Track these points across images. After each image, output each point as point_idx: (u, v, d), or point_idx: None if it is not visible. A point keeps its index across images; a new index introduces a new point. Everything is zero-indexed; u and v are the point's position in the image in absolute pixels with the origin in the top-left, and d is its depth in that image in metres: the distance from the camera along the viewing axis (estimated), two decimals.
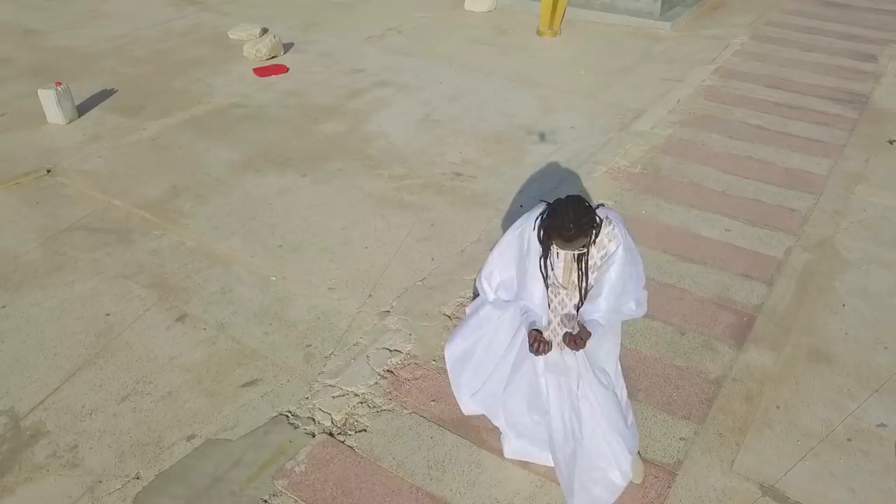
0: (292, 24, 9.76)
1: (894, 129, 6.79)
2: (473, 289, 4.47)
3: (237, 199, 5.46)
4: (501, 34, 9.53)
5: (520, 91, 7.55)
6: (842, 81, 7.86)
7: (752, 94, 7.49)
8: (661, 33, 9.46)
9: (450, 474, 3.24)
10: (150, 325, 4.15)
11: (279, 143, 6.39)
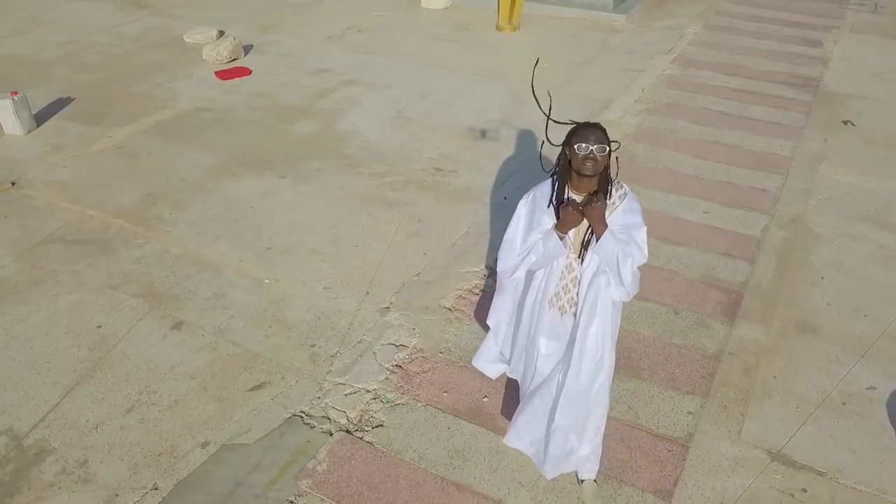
0: (249, 26, 9.62)
1: (847, 111, 7.12)
2: (477, 278, 4.52)
3: (217, 204, 5.37)
4: (461, 30, 9.59)
5: (488, 86, 7.63)
6: (793, 67, 8.19)
7: (711, 81, 7.74)
8: (617, 25, 9.67)
9: (471, 462, 3.28)
10: (145, 335, 4.05)
11: (252, 145, 6.30)
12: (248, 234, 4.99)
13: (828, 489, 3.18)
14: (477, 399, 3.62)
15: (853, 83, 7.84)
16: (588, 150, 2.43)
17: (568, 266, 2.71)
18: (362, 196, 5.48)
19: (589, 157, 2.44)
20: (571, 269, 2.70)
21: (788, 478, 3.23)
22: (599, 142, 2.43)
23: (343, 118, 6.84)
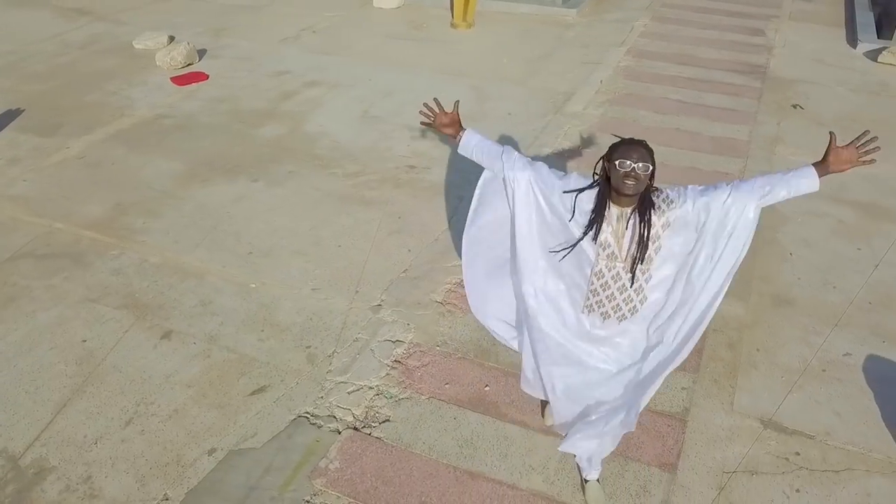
0: (199, 31, 9.44)
1: (794, 95, 7.45)
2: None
3: (191, 211, 5.28)
4: (417, 29, 9.63)
5: (451, 83, 7.69)
6: (740, 55, 8.52)
7: (665, 71, 7.99)
8: (569, 20, 9.87)
9: (481, 450, 3.34)
10: (134, 346, 3.97)
11: (220, 150, 6.21)
12: (228, 240, 4.93)
13: (818, 451, 3.36)
14: (479, 389, 3.68)
15: (797, 69, 8.20)
16: (630, 168, 2.30)
17: (615, 275, 2.54)
18: (339, 196, 5.48)
19: (630, 175, 2.31)
20: (619, 277, 2.54)
21: (781, 443, 3.40)
22: (643, 160, 2.31)
23: (310, 119, 6.80)
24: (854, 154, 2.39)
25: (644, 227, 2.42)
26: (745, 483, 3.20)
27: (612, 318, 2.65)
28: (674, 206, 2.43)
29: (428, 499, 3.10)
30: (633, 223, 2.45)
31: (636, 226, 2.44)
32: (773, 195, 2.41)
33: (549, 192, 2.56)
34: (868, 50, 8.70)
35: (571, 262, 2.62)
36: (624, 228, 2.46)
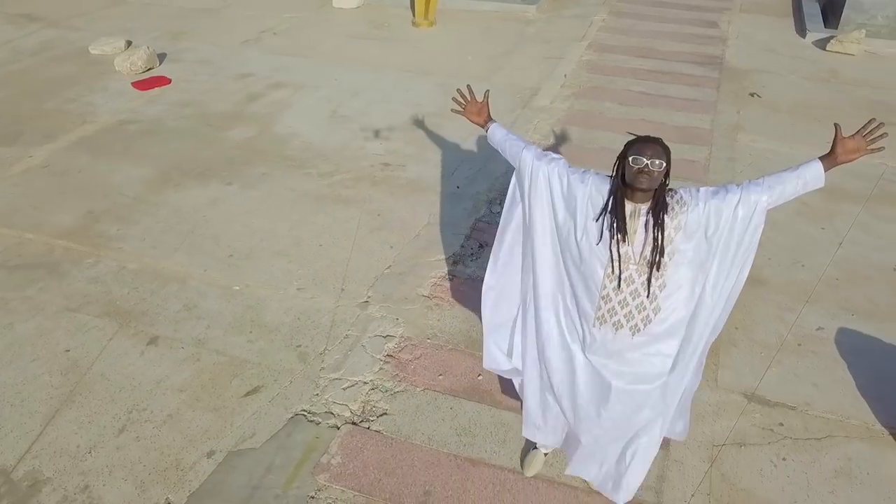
0: (156, 35, 9.27)
1: (751, 84, 7.71)
2: (448, 265, 4.63)
3: (166, 216, 5.22)
4: (378, 28, 9.64)
5: (417, 81, 7.73)
6: (697, 46, 8.76)
7: (626, 64, 8.17)
8: (529, 16, 10.00)
9: (479, 438, 3.40)
10: (120, 354, 3.92)
11: (189, 154, 6.14)
12: (207, 244, 4.88)
13: (800, 420, 3.52)
14: (472, 378, 3.74)
15: (752, 59, 8.48)
16: (643, 164, 2.29)
17: (628, 279, 2.47)
18: (315, 196, 5.47)
19: (643, 171, 2.29)
20: (632, 281, 2.47)
21: (765, 415, 3.55)
22: (657, 156, 2.29)
23: (278, 121, 6.77)
24: (862, 143, 2.39)
25: (658, 230, 2.38)
26: (734, 454, 3.33)
27: (624, 329, 2.54)
28: (686, 208, 2.38)
29: (432, 487, 3.14)
30: (646, 223, 2.40)
31: (649, 227, 2.39)
32: (782, 194, 2.41)
33: (566, 187, 2.53)
34: (816, 39, 9.04)
35: (584, 266, 2.55)
36: (636, 226, 2.40)
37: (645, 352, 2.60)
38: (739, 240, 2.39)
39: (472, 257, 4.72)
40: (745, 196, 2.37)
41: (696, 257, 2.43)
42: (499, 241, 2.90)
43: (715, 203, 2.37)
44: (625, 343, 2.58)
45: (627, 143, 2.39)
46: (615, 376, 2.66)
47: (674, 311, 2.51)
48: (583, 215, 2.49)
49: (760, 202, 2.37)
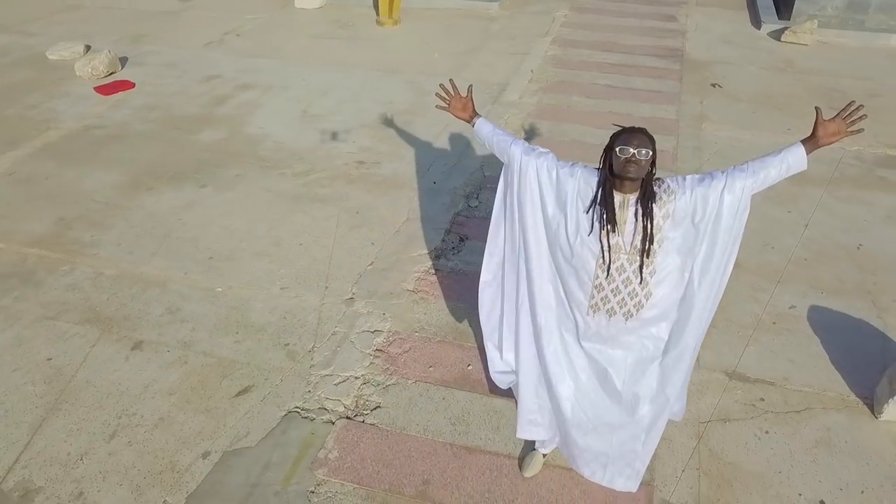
0: (116, 39, 9.12)
1: (712, 75, 7.92)
2: (430, 259, 4.67)
3: (141, 220, 5.15)
4: (343, 28, 9.62)
5: (386, 79, 7.75)
6: (658, 40, 8.96)
7: (590, 58, 8.31)
8: (492, 13, 10.09)
9: (473, 426, 3.45)
10: (104, 360, 3.87)
11: (160, 158, 6.06)
12: (185, 247, 4.84)
13: (780, 395, 3.66)
14: (462, 369, 3.79)
15: (711, 50, 8.71)
16: (630, 154, 2.34)
17: (619, 267, 2.54)
18: (292, 196, 5.46)
19: (631, 161, 2.35)
20: (623, 270, 2.54)
21: (747, 391, 3.67)
22: (643, 145, 2.35)
23: (248, 122, 6.72)
24: (842, 125, 2.46)
25: (647, 220, 2.43)
26: (720, 430, 3.45)
27: (618, 315, 2.61)
28: (673, 196, 2.44)
29: (430, 476, 3.19)
30: (636, 213, 2.45)
31: (639, 216, 2.45)
32: (766, 178, 2.47)
33: (555, 181, 2.57)
34: (771, 30, 9.33)
35: (575, 258, 2.59)
36: (626, 216, 2.46)
37: (639, 335, 2.68)
38: (726, 225, 2.46)
39: (453, 251, 4.78)
40: (731, 182, 2.44)
41: (684, 244, 2.51)
42: (492, 236, 2.93)
43: (701, 190, 2.44)
44: (619, 328, 2.66)
45: (613, 135, 2.45)
46: (610, 363, 2.73)
47: (664, 295, 2.59)
48: (573, 208, 2.54)
49: (746, 187, 2.44)
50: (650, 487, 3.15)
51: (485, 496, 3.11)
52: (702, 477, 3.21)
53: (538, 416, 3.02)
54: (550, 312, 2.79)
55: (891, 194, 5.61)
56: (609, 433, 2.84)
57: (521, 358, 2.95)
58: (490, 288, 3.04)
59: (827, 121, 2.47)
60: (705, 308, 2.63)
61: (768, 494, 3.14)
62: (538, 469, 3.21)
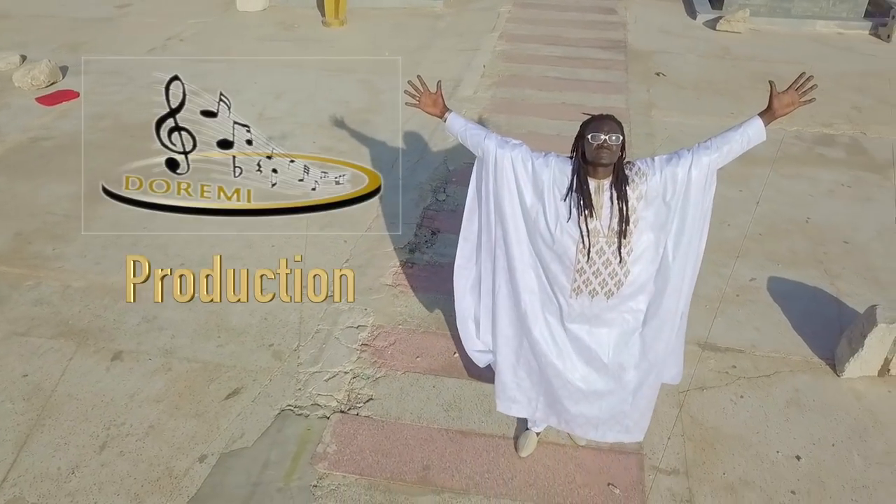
0: (53, 48, 8.82)
1: (655, 64, 8.21)
2: (405, 253, 4.73)
3: (105, 231, 5.04)
4: (289, 29, 9.56)
5: (339, 79, 7.75)
6: (600, 32, 9.22)
7: (538, 52, 8.50)
8: (437, 11, 10.19)
9: (466, 411, 3.54)
10: (84, 372, 3.80)
11: (116, 167, 5.91)
12: (155, 255, 4.76)
13: (750, 361, 3.87)
14: (448, 357, 3.87)
15: (651, 41, 9.02)
16: (602, 140, 2.45)
17: (599, 250, 2.65)
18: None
19: (603, 147, 2.45)
20: (603, 252, 2.65)
21: (719, 360, 3.88)
22: (613, 131, 2.46)
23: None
24: (795, 96, 2.62)
25: (622, 202, 2.55)
26: (698, 398, 3.63)
27: (599, 295, 2.72)
28: (645, 178, 2.55)
29: (430, 462, 3.26)
30: (611, 197, 2.56)
31: (614, 200, 2.56)
32: (730, 152, 2.61)
33: (531, 172, 2.66)
34: (707, 20, 9.72)
35: (556, 245, 2.68)
36: (602, 201, 2.57)
37: (619, 311, 2.80)
38: (696, 200, 2.60)
39: (427, 244, 4.85)
40: (697, 159, 2.58)
41: (656, 221, 2.65)
42: (466, 223, 3.01)
43: (670, 169, 2.57)
44: (601, 307, 2.78)
45: (583, 123, 2.57)
46: (595, 341, 2.85)
47: (641, 271, 2.72)
48: (550, 196, 2.64)
49: (711, 162, 2.59)
50: (640, 455, 3.30)
51: (484, 476, 3.20)
52: (686, 442, 3.38)
53: (517, 393, 3.12)
54: (534, 296, 2.89)
55: (831, 170, 5.96)
56: (598, 400, 2.96)
57: (498, 342, 3.05)
58: (465, 271, 3.14)
59: (781, 93, 2.63)
60: (681, 278, 2.76)
61: (748, 454, 3.33)
62: (533, 448, 3.32)
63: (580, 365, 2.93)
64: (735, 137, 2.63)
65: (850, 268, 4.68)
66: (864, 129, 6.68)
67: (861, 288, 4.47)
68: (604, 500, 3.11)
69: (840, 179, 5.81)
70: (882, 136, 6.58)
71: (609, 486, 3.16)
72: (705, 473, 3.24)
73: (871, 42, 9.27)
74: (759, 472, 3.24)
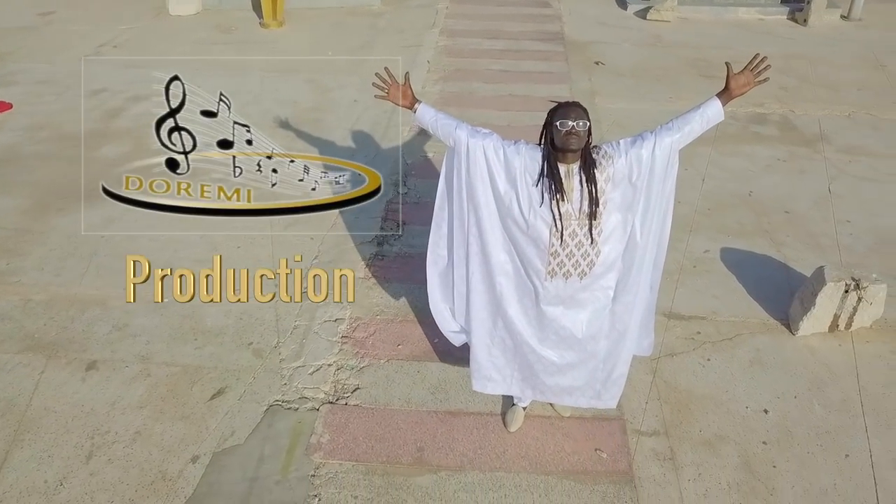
0: None
1: (593, 54, 8.48)
2: (373, 246, 4.78)
3: (60, 242, 4.91)
4: (226, 32, 9.42)
5: (284, 80, 7.71)
6: (538, 25, 9.46)
7: (480, 46, 8.66)
8: (375, 9, 10.22)
9: (452, 392, 3.64)
10: (59, 385, 3.71)
11: (63, 178, 5.76)
12: (117, 263, 4.66)
13: (713, 327, 4.11)
14: (429, 344, 3.96)
15: (587, 32, 9.30)
16: (570, 126, 2.54)
17: (571, 233, 2.75)
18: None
19: (572, 133, 2.55)
20: (575, 234, 2.75)
21: (685, 328, 4.10)
22: (580, 117, 2.56)
23: (150, 134, 6.48)
24: (750, 76, 2.78)
25: (591, 185, 2.66)
26: (669, 364, 3.83)
27: (573, 276, 2.84)
28: (612, 160, 2.66)
29: (423, 443, 3.34)
30: (580, 181, 2.67)
31: (583, 183, 2.67)
32: (690, 132, 2.75)
33: (503, 160, 2.74)
34: (637, 10, 10.08)
35: (530, 229, 2.77)
36: (572, 185, 2.67)
37: (591, 290, 2.94)
38: (659, 179, 2.74)
39: (394, 237, 4.92)
40: (660, 140, 2.72)
41: (623, 202, 2.78)
42: (438, 211, 3.09)
43: (635, 151, 2.70)
44: (575, 287, 2.91)
45: (550, 111, 2.68)
46: (570, 320, 2.98)
47: (610, 250, 2.86)
48: (522, 183, 2.75)
49: (674, 142, 2.73)
50: (622, 421, 3.47)
51: (477, 452, 3.31)
52: (663, 405, 3.57)
53: (492, 372, 3.24)
54: (508, 279, 3.00)
55: (766, 146, 6.32)
56: (571, 370, 3.12)
57: (472, 325, 3.16)
58: (437, 258, 3.22)
59: (737, 74, 2.77)
60: (648, 254, 2.93)
61: (720, 411, 3.55)
62: (521, 422, 3.45)
63: (555, 342, 3.06)
64: (695, 118, 2.77)
65: (793, 235, 4.99)
66: (792, 107, 7.10)
67: (805, 253, 4.78)
68: (593, 464, 3.26)
69: (775, 154, 6.17)
70: (808, 112, 7.01)
71: (597, 451, 3.32)
72: (683, 432, 3.43)
73: (789, 26, 9.81)
74: (732, 427, 3.46)
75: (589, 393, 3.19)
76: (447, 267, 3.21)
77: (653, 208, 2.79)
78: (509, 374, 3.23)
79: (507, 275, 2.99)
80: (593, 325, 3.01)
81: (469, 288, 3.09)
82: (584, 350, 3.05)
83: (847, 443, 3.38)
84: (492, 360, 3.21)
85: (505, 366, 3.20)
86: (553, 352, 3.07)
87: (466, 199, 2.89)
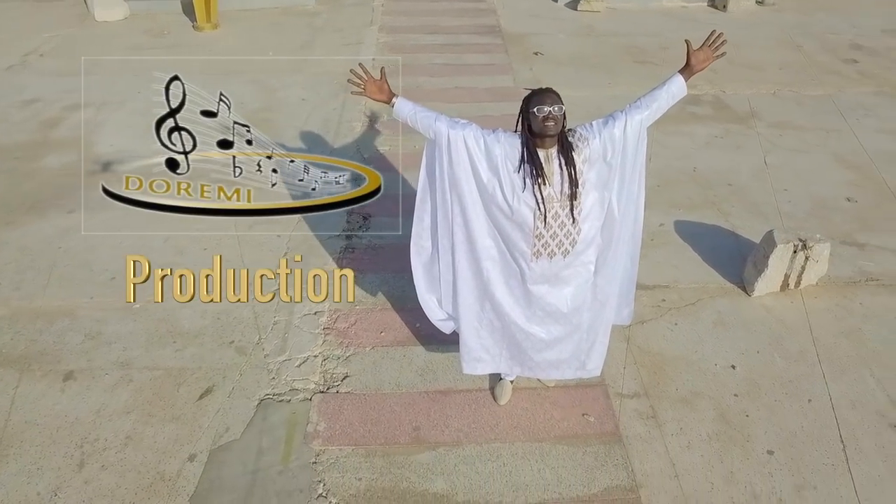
0: None
1: (531, 45, 8.72)
2: (342, 239, 4.81)
3: (14, 256, 4.75)
4: (159, 36, 9.21)
5: (227, 81, 7.56)
6: (474, 19, 9.64)
7: (420, 41, 8.77)
8: (310, 8, 10.18)
9: (440, 372, 3.74)
10: (37, 398, 3.62)
11: (6, 191, 5.55)
12: (79, 272, 4.56)
13: (677, 294, 4.35)
14: (412, 328, 4.04)
15: (522, 24, 9.54)
16: (547, 112, 2.65)
17: (554, 214, 2.86)
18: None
19: (549, 118, 2.65)
20: (557, 216, 2.86)
21: (650, 297, 4.32)
22: (556, 102, 2.67)
23: (96, 141, 6.32)
24: (709, 52, 2.94)
25: (570, 167, 2.77)
26: (641, 331, 4.05)
27: (557, 256, 2.96)
28: (587, 141, 2.78)
29: (418, 423, 3.43)
30: (559, 164, 2.78)
31: (563, 166, 2.78)
32: (658, 109, 2.90)
33: (484, 149, 2.83)
34: (567, 1, 10.40)
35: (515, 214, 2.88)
36: (552, 169, 2.78)
37: (574, 266, 3.08)
38: (631, 155, 2.89)
39: (362, 228, 4.98)
40: (630, 118, 2.87)
41: (599, 180, 2.92)
42: (420, 203, 3.16)
43: (608, 131, 2.84)
44: (559, 266, 3.04)
45: (525, 99, 2.80)
46: (556, 297, 3.12)
47: (590, 227, 3.00)
48: (504, 170, 2.85)
49: (643, 119, 2.88)
50: (604, 386, 3.66)
51: (472, 427, 3.42)
52: (640, 369, 3.78)
53: (481, 353, 3.35)
54: (494, 263, 3.12)
55: (704, 125, 6.67)
56: (558, 344, 3.26)
57: (460, 311, 3.26)
58: (421, 249, 3.29)
59: (697, 50, 2.95)
60: (626, 228, 3.09)
61: (693, 370, 3.78)
62: (510, 395, 3.58)
63: (542, 318, 3.20)
64: (661, 95, 2.93)
65: (737, 205, 5.32)
66: (722, 87, 7.50)
67: (750, 221, 5.10)
68: (582, 428, 3.43)
69: (713, 132, 6.53)
70: (738, 92, 7.43)
71: (584, 415, 3.48)
72: (661, 392, 3.64)
73: (710, 12, 10.33)
74: (705, 383, 3.69)
75: (574, 364, 3.34)
76: (431, 258, 3.28)
77: (627, 184, 2.95)
78: (497, 354, 3.34)
79: (492, 259, 3.10)
80: (577, 299, 3.16)
81: (455, 275, 3.18)
82: (569, 323, 3.20)
83: (809, 389, 3.66)
84: (480, 342, 3.30)
85: (493, 346, 3.31)
86: (540, 328, 3.20)
87: (449, 189, 2.97)
